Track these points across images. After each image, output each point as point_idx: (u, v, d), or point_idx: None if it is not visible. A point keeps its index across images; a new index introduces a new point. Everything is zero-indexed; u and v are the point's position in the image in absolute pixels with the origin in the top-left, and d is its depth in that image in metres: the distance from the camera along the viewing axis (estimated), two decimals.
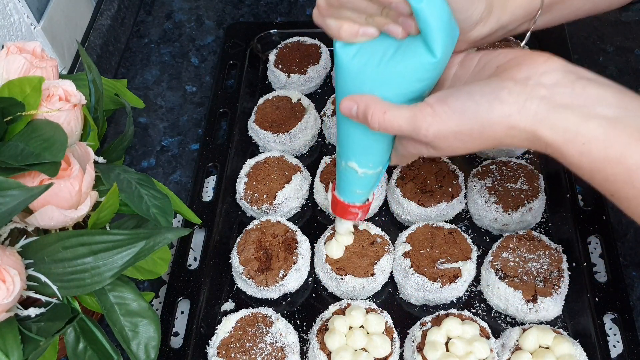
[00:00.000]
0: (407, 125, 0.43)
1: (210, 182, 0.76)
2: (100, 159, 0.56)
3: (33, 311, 0.48)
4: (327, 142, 0.81)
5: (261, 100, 0.80)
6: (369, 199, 0.58)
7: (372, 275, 0.64)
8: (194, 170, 0.77)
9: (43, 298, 0.48)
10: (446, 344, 0.57)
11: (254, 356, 0.59)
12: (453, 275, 0.63)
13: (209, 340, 0.61)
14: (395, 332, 0.60)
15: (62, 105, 0.51)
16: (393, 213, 0.72)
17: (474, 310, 0.65)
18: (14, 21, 0.71)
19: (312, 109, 0.79)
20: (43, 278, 0.47)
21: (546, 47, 0.71)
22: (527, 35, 0.51)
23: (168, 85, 0.91)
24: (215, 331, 0.61)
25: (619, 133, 0.38)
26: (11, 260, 0.45)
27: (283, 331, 0.60)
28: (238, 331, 0.61)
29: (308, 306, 0.67)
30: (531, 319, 0.62)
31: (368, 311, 0.60)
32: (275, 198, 0.70)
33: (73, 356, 0.50)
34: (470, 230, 0.71)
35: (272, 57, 0.85)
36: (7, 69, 0.51)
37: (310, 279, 0.69)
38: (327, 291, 0.67)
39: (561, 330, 0.59)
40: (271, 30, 0.91)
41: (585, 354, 0.57)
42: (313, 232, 0.71)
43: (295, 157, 0.77)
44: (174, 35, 0.98)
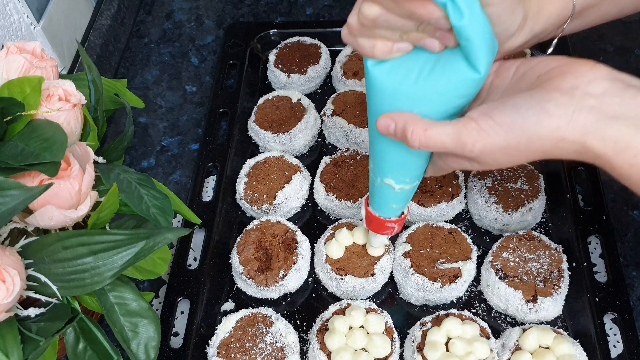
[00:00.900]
0: (452, 142, 0.42)
1: (210, 182, 0.76)
2: (100, 159, 0.56)
3: (33, 311, 0.48)
4: (327, 142, 0.81)
5: (261, 100, 0.80)
6: (404, 212, 0.57)
7: (372, 275, 0.64)
8: (194, 170, 0.76)
9: (43, 298, 0.48)
10: (446, 344, 0.57)
11: (254, 356, 0.59)
12: (453, 275, 0.63)
13: (209, 341, 0.61)
14: (395, 332, 0.60)
15: (62, 105, 0.51)
16: None
17: (474, 310, 0.65)
18: (14, 21, 0.71)
19: (312, 109, 0.79)
20: (43, 278, 0.47)
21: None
22: (554, 43, 0.50)
23: (168, 85, 0.91)
24: (215, 331, 0.61)
25: None
26: (11, 260, 0.45)
27: (283, 331, 0.60)
28: (238, 331, 0.61)
29: (308, 306, 0.67)
30: (531, 319, 0.62)
31: (368, 311, 0.60)
32: (275, 198, 0.70)
33: (73, 356, 0.50)
34: (470, 230, 0.71)
35: (272, 57, 0.85)
36: (7, 69, 0.51)
37: (310, 279, 0.69)
38: (327, 291, 0.67)
39: (561, 330, 0.59)
40: (271, 30, 0.90)
41: (585, 354, 0.57)
42: (313, 232, 0.71)
43: (295, 157, 0.77)
44: (174, 35, 0.98)
